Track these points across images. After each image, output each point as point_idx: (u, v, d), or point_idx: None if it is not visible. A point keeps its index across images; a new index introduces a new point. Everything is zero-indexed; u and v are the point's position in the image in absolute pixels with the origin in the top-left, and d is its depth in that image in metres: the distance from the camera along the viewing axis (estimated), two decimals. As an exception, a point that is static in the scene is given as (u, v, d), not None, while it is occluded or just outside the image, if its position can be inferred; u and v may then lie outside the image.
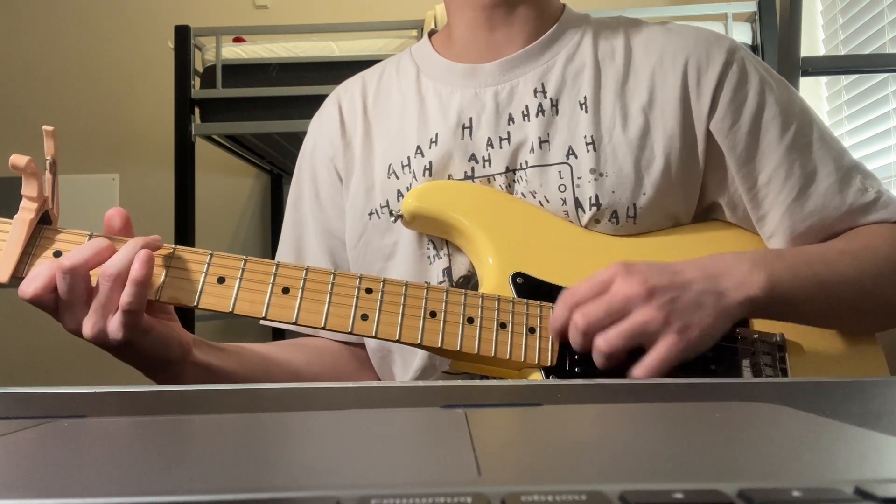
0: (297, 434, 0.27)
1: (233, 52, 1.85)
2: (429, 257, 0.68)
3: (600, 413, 0.31)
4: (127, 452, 0.24)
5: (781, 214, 0.66)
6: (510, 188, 0.68)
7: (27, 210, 0.54)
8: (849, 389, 0.38)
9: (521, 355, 0.57)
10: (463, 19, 0.73)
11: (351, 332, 0.56)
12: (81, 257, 0.52)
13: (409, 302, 0.57)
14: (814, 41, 1.82)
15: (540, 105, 0.68)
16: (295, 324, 0.55)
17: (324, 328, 0.55)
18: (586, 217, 0.65)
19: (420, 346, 0.56)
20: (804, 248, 0.64)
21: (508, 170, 0.68)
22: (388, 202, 0.70)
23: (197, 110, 1.87)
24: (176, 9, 2.46)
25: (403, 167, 0.70)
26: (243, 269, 0.56)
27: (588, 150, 0.66)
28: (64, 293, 0.52)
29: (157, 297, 0.54)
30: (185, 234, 1.81)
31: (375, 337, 0.56)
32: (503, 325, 0.57)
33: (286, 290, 0.56)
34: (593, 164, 0.65)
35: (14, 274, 0.54)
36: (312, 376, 0.70)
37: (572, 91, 0.69)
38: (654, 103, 0.67)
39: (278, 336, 1.76)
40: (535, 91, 0.69)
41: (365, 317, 0.56)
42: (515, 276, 0.61)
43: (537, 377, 0.57)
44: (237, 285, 0.55)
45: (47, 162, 0.55)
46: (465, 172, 0.68)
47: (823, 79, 1.78)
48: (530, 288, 0.61)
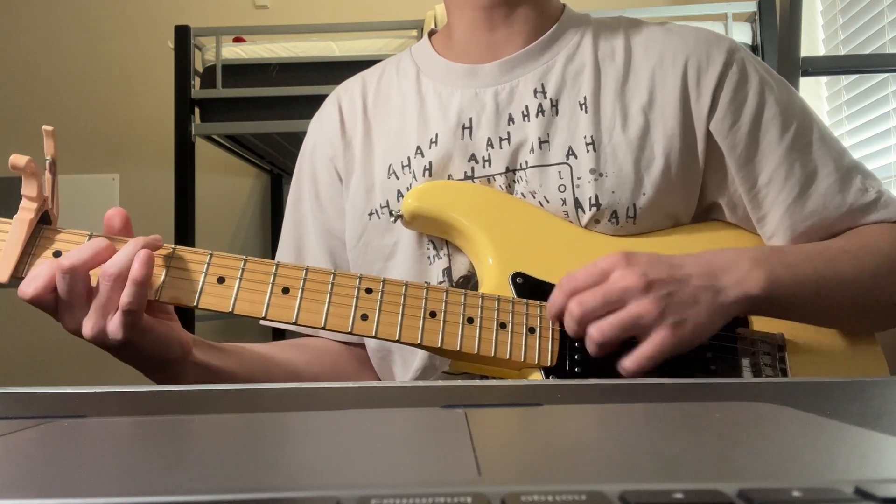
0: (297, 434, 0.27)
1: (233, 52, 1.85)
2: (429, 257, 0.68)
3: (600, 413, 0.31)
4: (127, 452, 0.24)
5: (782, 214, 0.66)
6: (510, 188, 0.68)
7: (27, 210, 0.54)
8: (849, 389, 0.38)
9: (521, 355, 0.57)
10: (463, 19, 0.73)
11: (351, 332, 0.56)
12: (81, 257, 0.52)
13: (408, 302, 0.57)
14: (814, 41, 1.82)
15: (540, 105, 0.68)
16: (295, 324, 0.55)
17: (324, 328, 0.55)
18: (586, 217, 0.65)
19: (420, 346, 0.56)
20: (805, 245, 0.64)
21: (508, 170, 0.68)
22: (388, 202, 0.70)
23: (197, 110, 1.87)
24: (176, 9, 2.46)
25: (403, 167, 0.70)
26: (243, 269, 0.56)
27: (588, 151, 0.66)
28: (63, 293, 0.52)
29: (156, 297, 0.54)
30: (185, 234, 1.81)
31: (375, 337, 0.56)
32: (503, 325, 0.57)
33: (286, 290, 0.56)
34: (593, 165, 0.65)
35: (14, 274, 0.54)
36: (312, 376, 0.70)
37: (572, 91, 0.69)
38: (654, 103, 0.67)
39: (278, 336, 1.76)
40: (535, 91, 0.69)
41: (365, 317, 0.56)
42: (515, 276, 0.61)
43: (537, 377, 0.57)
44: (237, 285, 0.55)
45: (47, 162, 0.55)
46: (465, 173, 0.68)
47: (823, 79, 1.78)
48: (530, 288, 0.61)
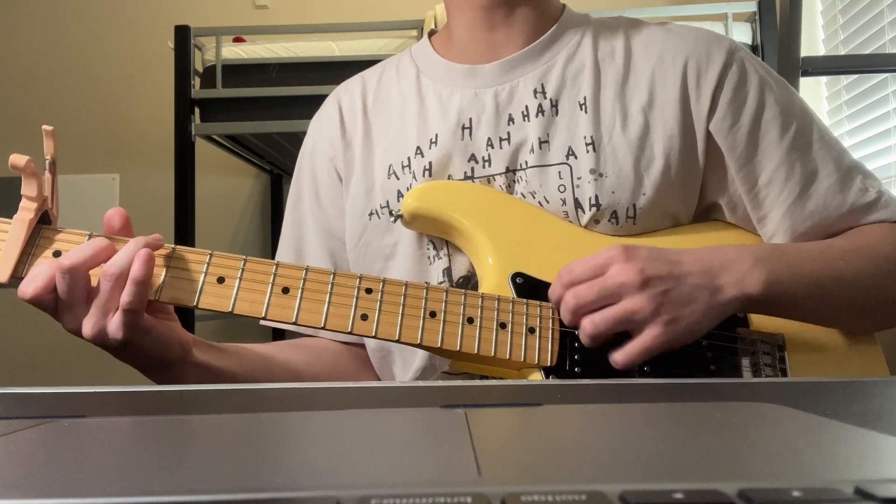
0: (297, 434, 0.27)
1: (233, 52, 1.85)
2: (429, 257, 0.68)
3: (600, 413, 0.31)
4: (127, 452, 0.24)
5: (782, 215, 0.66)
6: (510, 188, 0.68)
7: (27, 210, 0.54)
8: (849, 389, 0.38)
9: (521, 355, 0.57)
10: (463, 19, 0.73)
11: (351, 332, 0.56)
12: (81, 257, 0.52)
13: (408, 302, 0.57)
14: (814, 41, 1.82)
15: (540, 105, 0.68)
16: (295, 324, 0.55)
17: (324, 328, 0.55)
18: (586, 217, 0.65)
19: (420, 346, 0.56)
20: (806, 244, 0.64)
21: (508, 170, 0.68)
22: (388, 202, 0.70)
23: (197, 110, 1.87)
24: (176, 9, 2.46)
25: (403, 167, 0.70)
26: (243, 269, 0.56)
27: (588, 151, 0.66)
28: (63, 293, 0.52)
29: (156, 296, 0.54)
30: (185, 234, 1.81)
31: (375, 337, 0.56)
32: (503, 325, 0.57)
33: (286, 290, 0.55)
34: (593, 165, 0.65)
35: (14, 274, 0.54)
36: (312, 376, 0.70)
37: (572, 91, 0.69)
38: (654, 104, 0.67)
39: (278, 336, 1.76)
40: (535, 91, 0.69)
41: (365, 317, 0.56)
42: (515, 276, 0.61)
43: (537, 377, 0.57)
44: (237, 285, 0.55)
45: (47, 162, 0.54)
46: (465, 173, 0.68)
47: (823, 79, 1.78)
48: (530, 288, 0.61)
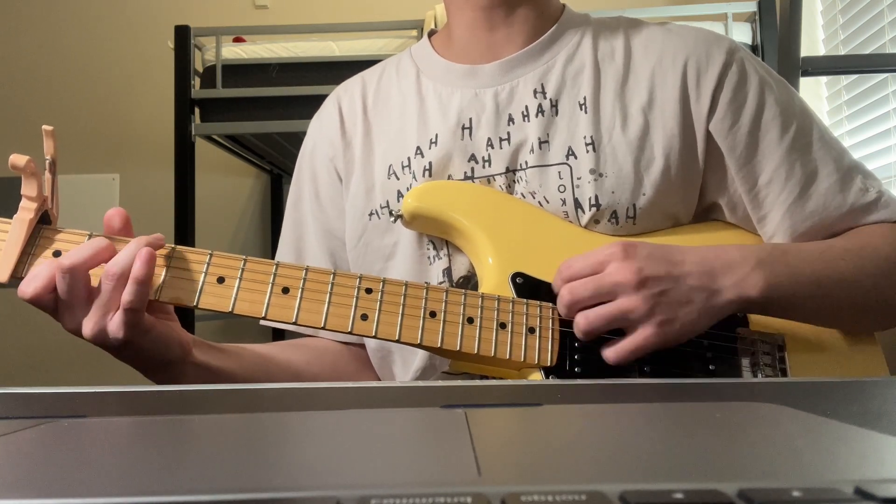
0: (297, 434, 0.27)
1: (233, 52, 1.85)
2: (429, 258, 0.68)
3: (600, 413, 0.31)
4: (127, 452, 0.24)
5: (782, 215, 0.66)
6: (510, 188, 0.68)
7: (27, 210, 0.54)
8: (849, 389, 0.38)
9: (521, 355, 0.57)
10: (463, 20, 0.73)
11: (351, 332, 0.56)
12: (81, 257, 0.52)
13: (408, 302, 0.57)
14: (814, 41, 1.82)
15: (540, 105, 0.68)
16: (295, 324, 0.55)
17: (324, 328, 0.55)
18: (586, 217, 0.65)
19: (420, 346, 0.56)
20: (807, 245, 0.64)
21: (508, 170, 0.68)
22: (388, 202, 0.70)
23: (197, 110, 1.87)
24: (176, 9, 2.46)
25: (403, 168, 0.70)
26: (243, 269, 0.56)
27: (588, 151, 0.66)
28: (63, 293, 0.52)
29: (156, 296, 0.54)
30: (185, 234, 1.81)
31: (375, 337, 0.56)
32: (503, 325, 0.57)
33: (286, 290, 0.55)
34: (593, 165, 0.65)
35: (14, 274, 0.54)
36: (312, 376, 0.70)
37: (572, 91, 0.69)
38: (654, 104, 0.67)
39: (278, 336, 1.76)
40: (535, 91, 0.69)
41: (365, 317, 0.56)
42: (515, 276, 0.61)
43: (537, 377, 0.57)
44: (237, 285, 0.55)
45: (47, 162, 0.54)
46: (465, 173, 0.68)
47: (823, 79, 1.78)
48: (530, 288, 0.61)
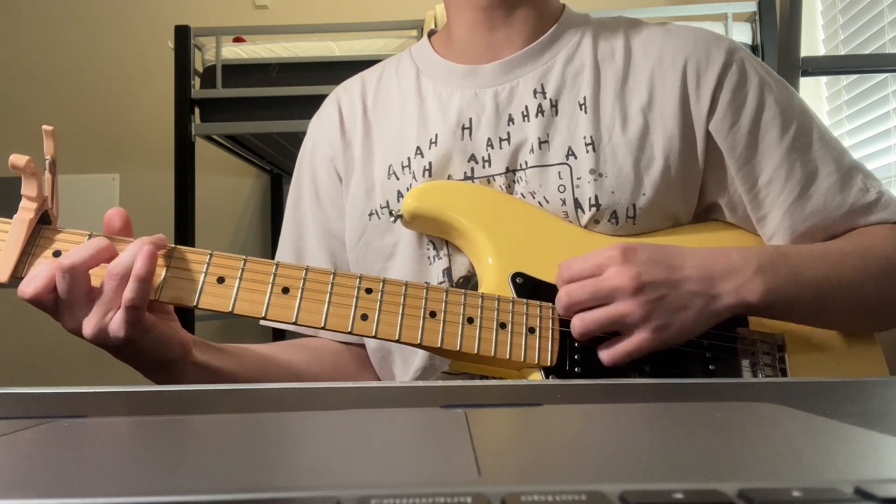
0: (297, 434, 0.27)
1: (233, 52, 1.85)
2: (429, 258, 0.68)
3: (600, 413, 0.31)
4: (127, 452, 0.24)
5: (782, 215, 0.66)
6: (510, 189, 0.68)
7: (27, 210, 0.54)
8: (849, 389, 0.38)
9: (521, 355, 0.57)
10: (463, 20, 0.73)
11: (351, 332, 0.56)
12: (81, 256, 0.52)
13: (408, 302, 0.57)
14: (814, 41, 1.82)
15: (539, 106, 0.68)
16: (295, 324, 0.55)
17: (324, 328, 0.55)
18: (586, 217, 0.65)
19: (420, 346, 0.56)
20: (809, 248, 0.63)
21: (508, 170, 0.68)
22: (388, 203, 0.70)
23: (197, 110, 1.87)
24: (176, 9, 2.46)
25: (403, 168, 0.70)
26: (243, 269, 0.56)
27: (587, 151, 0.66)
28: (63, 292, 0.52)
29: (156, 296, 0.54)
30: (185, 234, 1.81)
31: (375, 337, 0.56)
32: (503, 325, 0.57)
33: (286, 290, 0.55)
34: (593, 165, 0.65)
35: (14, 274, 0.54)
36: (312, 376, 0.70)
37: (572, 91, 0.69)
38: (654, 104, 0.67)
39: (278, 336, 1.76)
40: (535, 92, 0.69)
41: (365, 317, 0.56)
42: (515, 276, 0.61)
43: (537, 377, 0.57)
44: (237, 285, 0.55)
45: (47, 162, 0.55)
46: (465, 173, 0.68)
47: (823, 79, 1.78)
48: (530, 288, 0.61)
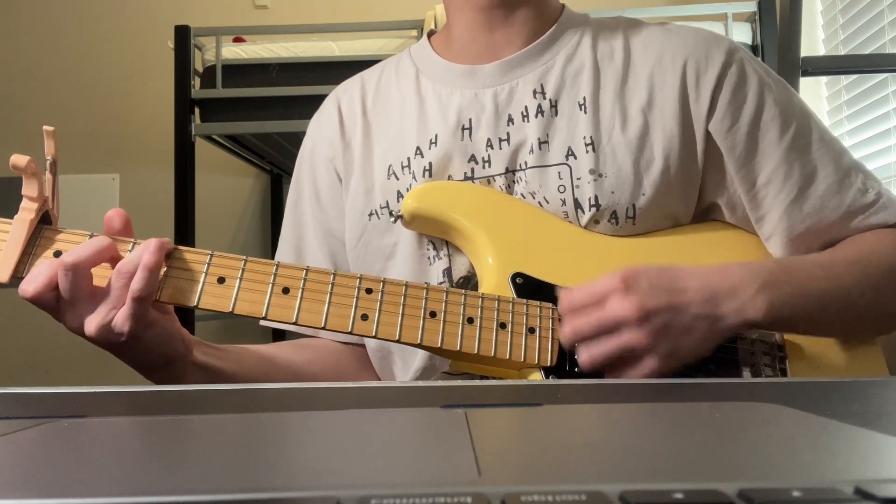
0: (297, 434, 0.27)
1: (233, 52, 1.85)
2: (429, 258, 0.68)
3: (600, 413, 0.31)
4: (127, 452, 0.24)
5: (780, 215, 0.66)
6: (510, 189, 0.68)
7: (27, 210, 0.54)
8: (849, 389, 0.38)
9: (521, 355, 0.57)
10: (462, 20, 0.73)
11: (351, 332, 0.56)
12: (83, 254, 0.52)
13: (408, 302, 0.57)
14: (814, 41, 1.82)
15: (539, 106, 0.68)
16: (295, 324, 0.55)
17: (324, 328, 0.55)
18: (586, 217, 0.65)
19: (420, 346, 0.56)
20: (811, 259, 0.62)
21: (508, 171, 0.68)
22: (388, 203, 0.70)
23: (197, 110, 1.87)
24: (176, 9, 2.46)
25: (403, 168, 0.70)
26: (243, 269, 0.56)
27: (587, 151, 0.66)
28: (66, 291, 0.52)
29: (157, 296, 0.54)
30: (185, 234, 1.81)
31: (375, 337, 0.56)
32: (503, 325, 0.57)
33: (286, 291, 0.55)
34: (592, 165, 0.65)
35: (14, 274, 0.54)
36: (313, 376, 0.70)
37: (571, 92, 0.69)
38: (654, 104, 0.67)
39: (279, 337, 1.76)
40: (535, 92, 0.69)
41: (365, 317, 0.56)
42: (515, 276, 0.61)
43: (537, 377, 0.57)
44: (237, 285, 0.55)
45: (47, 162, 0.55)
46: (465, 173, 0.68)
47: (823, 79, 1.78)
48: (530, 288, 0.61)
